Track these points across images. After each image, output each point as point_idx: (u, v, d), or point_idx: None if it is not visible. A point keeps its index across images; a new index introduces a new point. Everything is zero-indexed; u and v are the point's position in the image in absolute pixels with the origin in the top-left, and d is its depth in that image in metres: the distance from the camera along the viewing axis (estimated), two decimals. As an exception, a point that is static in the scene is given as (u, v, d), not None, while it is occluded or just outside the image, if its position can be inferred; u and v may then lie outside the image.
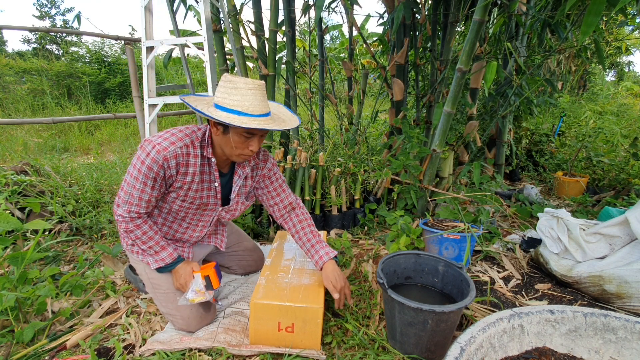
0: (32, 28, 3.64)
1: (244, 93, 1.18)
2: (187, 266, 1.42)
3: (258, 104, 1.21)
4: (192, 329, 1.40)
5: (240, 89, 1.18)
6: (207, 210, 1.45)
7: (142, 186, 1.25)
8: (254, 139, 1.26)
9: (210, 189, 1.39)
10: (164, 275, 1.44)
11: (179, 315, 1.39)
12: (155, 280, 1.44)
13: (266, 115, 1.24)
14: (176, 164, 1.25)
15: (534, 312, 1.07)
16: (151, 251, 1.38)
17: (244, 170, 1.45)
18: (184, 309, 1.38)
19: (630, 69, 11.14)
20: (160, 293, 1.43)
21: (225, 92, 1.20)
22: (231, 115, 1.18)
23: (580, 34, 1.50)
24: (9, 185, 2.29)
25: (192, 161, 1.29)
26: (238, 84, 1.18)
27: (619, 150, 3.36)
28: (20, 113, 6.01)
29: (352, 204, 2.47)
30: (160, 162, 1.21)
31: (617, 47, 7.46)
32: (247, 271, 1.83)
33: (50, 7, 17.10)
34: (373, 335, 1.37)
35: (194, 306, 1.39)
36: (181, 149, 1.25)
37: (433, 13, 2.77)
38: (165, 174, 1.26)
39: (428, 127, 2.94)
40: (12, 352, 1.26)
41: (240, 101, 1.18)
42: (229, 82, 1.19)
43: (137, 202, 1.28)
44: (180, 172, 1.28)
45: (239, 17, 2.96)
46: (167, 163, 1.23)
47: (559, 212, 1.75)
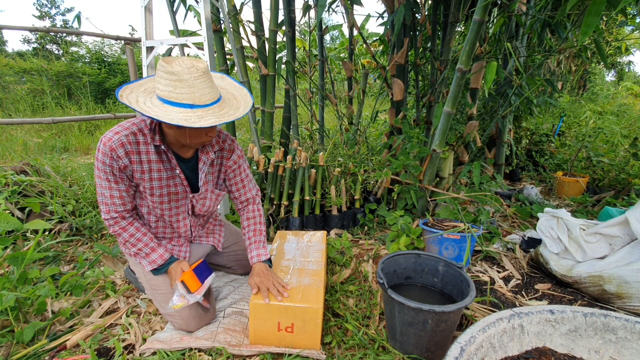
0: (32, 28, 3.64)
1: (191, 84, 1.10)
2: (177, 266, 1.39)
3: (208, 92, 1.13)
4: (192, 329, 1.40)
5: (186, 80, 1.09)
6: (180, 200, 1.41)
7: (106, 183, 1.26)
8: (211, 128, 1.22)
9: (175, 177, 1.36)
10: (161, 277, 1.43)
11: (178, 316, 1.38)
12: (153, 282, 1.44)
13: (218, 100, 1.18)
14: (125, 152, 1.23)
15: (534, 312, 1.07)
16: (142, 253, 1.38)
17: (208, 156, 1.40)
18: (183, 309, 1.37)
19: (630, 69, 11.14)
20: (159, 294, 1.43)
21: (170, 84, 1.09)
22: (183, 110, 1.10)
23: (581, 34, 1.50)
24: (9, 185, 2.29)
25: (143, 149, 1.26)
26: (183, 75, 1.08)
27: (619, 150, 3.35)
28: (20, 113, 6.00)
29: (352, 204, 2.47)
30: (108, 153, 1.20)
31: (617, 47, 7.46)
32: (248, 271, 1.83)
33: (50, 7, 17.11)
34: (373, 335, 1.37)
35: (193, 306, 1.39)
36: (127, 137, 1.22)
37: (433, 13, 2.77)
38: (120, 165, 1.23)
39: (428, 127, 2.94)
40: (12, 352, 1.26)
41: (189, 93, 1.10)
42: (172, 73, 1.08)
43: (111, 201, 1.28)
44: (134, 161, 1.26)
45: (239, 17, 2.96)
46: (114, 153, 1.21)
47: (559, 212, 1.75)
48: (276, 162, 2.38)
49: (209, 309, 1.47)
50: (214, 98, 1.17)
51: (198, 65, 1.12)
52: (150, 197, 1.34)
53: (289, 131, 3.28)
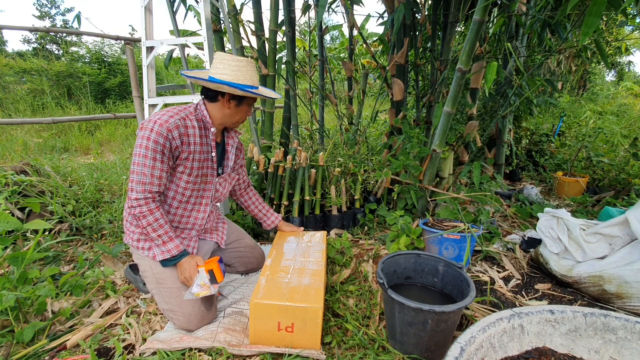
0: (32, 28, 3.64)
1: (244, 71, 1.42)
2: (191, 260, 1.44)
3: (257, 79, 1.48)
4: (193, 327, 1.40)
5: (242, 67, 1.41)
6: (208, 184, 1.55)
7: (151, 162, 1.32)
8: (250, 107, 1.52)
9: (208, 159, 1.50)
10: (169, 270, 1.45)
11: (181, 312, 1.39)
12: (160, 275, 1.44)
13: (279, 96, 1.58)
14: (179, 134, 1.35)
15: (534, 312, 1.07)
16: (159, 240, 1.40)
17: (234, 140, 1.63)
18: (186, 306, 1.39)
19: (630, 69, 11.14)
20: (164, 288, 1.44)
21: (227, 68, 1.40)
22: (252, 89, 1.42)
23: (581, 34, 1.50)
24: (9, 185, 2.29)
25: (191, 132, 1.40)
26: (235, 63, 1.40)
27: (619, 150, 3.36)
28: (20, 113, 6.00)
29: (352, 204, 2.47)
30: (164, 134, 1.30)
31: (617, 47, 7.46)
32: (248, 268, 1.84)
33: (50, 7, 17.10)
34: (373, 335, 1.37)
35: (196, 303, 1.40)
36: (180, 120, 1.36)
37: (433, 13, 2.77)
38: (172, 145, 1.34)
39: (428, 127, 2.94)
40: (12, 352, 1.26)
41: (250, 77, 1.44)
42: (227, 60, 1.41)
43: (150, 180, 1.33)
44: (184, 142, 1.38)
45: (239, 17, 2.96)
46: (170, 134, 1.32)
47: (559, 212, 1.75)
48: (276, 162, 2.38)
49: (212, 309, 1.47)
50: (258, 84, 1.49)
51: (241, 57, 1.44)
52: (187, 177, 1.45)
53: (289, 131, 3.28)
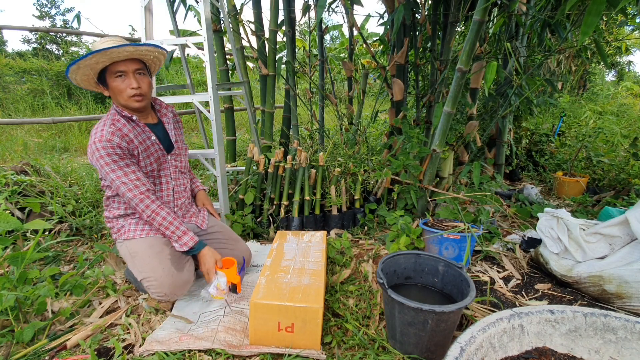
0: (32, 28, 3.65)
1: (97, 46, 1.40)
2: (211, 254, 1.57)
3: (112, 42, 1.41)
4: (167, 291, 1.47)
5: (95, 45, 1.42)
6: (162, 164, 1.64)
7: (121, 172, 1.44)
8: (127, 78, 1.46)
9: (153, 143, 1.58)
10: (139, 242, 1.56)
11: (153, 277, 1.47)
12: (133, 249, 1.55)
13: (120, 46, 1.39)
14: (119, 137, 1.44)
15: (534, 312, 1.07)
16: (175, 236, 1.54)
17: (168, 118, 1.71)
18: (157, 269, 1.48)
19: (630, 69, 11.14)
20: (137, 260, 1.52)
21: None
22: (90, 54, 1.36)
23: (581, 34, 1.50)
24: (9, 185, 2.29)
25: (124, 130, 1.48)
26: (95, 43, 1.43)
27: (619, 150, 3.35)
28: (20, 113, 6.00)
29: (352, 204, 2.47)
30: (107, 145, 1.40)
31: (617, 47, 7.45)
32: None
33: (50, 7, 17.11)
34: (373, 335, 1.37)
35: (166, 265, 1.50)
36: (110, 127, 1.44)
37: (433, 13, 2.77)
38: (123, 148, 1.44)
39: (428, 127, 2.94)
40: (12, 352, 1.26)
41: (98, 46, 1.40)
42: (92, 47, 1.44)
43: (134, 184, 1.46)
44: (128, 142, 1.47)
45: (239, 17, 2.96)
46: (111, 142, 1.41)
47: (559, 212, 1.75)
48: (276, 162, 2.38)
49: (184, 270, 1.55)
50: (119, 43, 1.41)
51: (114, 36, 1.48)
52: (144, 169, 1.55)
53: (289, 131, 3.28)
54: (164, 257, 1.53)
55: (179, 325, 1.43)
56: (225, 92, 3.04)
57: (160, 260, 1.51)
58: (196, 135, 5.38)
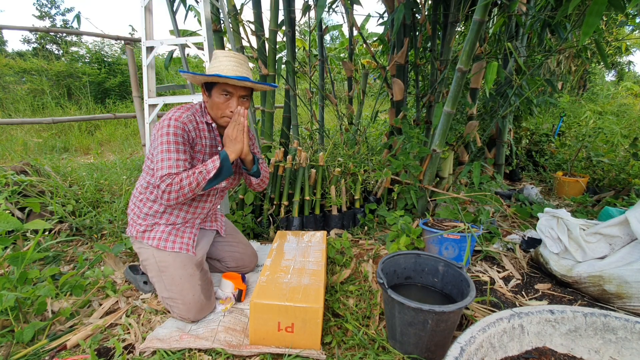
0: (32, 28, 3.64)
1: (221, 60, 1.44)
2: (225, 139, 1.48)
3: (233, 67, 1.43)
4: (192, 317, 1.43)
5: (218, 57, 1.45)
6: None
7: (175, 147, 1.38)
8: (232, 100, 1.46)
9: (218, 152, 1.55)
10: (171, 258, 1.49)
11: (181, 300, 1.42)
12: (162, 263, 1.48)
13: (243, 78, 1.41)
14: (192, 127, 1.45)
15: (534, 312, 1.07)
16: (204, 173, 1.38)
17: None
18: (187, 294, 1.43)
19: (630, 69, 11.14)
20: (166, 276, 1.47)
21: (211, 64, 1.47)
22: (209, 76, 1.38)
23: (581, 34, 1.50)
24: (9, 185, 2.29)
25: (200, 127, 1.50)
26: (219, 55, 1.46)
27: (619, 150, 3.35)
28: (20, 113, 6.00)
29: (352, 204, 2.47)
30: (181, 126, 1.40)
31: (617, 47, 7.45)
32: (239, 265, 1.83)
33: (50, 7, 17.10)
34: (373, 335, 1.37)
35: (197, 292, 1.45)
36: (191, 115, 1.46)
37: (433, 13, 2.77)
38: (189, 137, 1.44)
39: (428, 127, 2.94)
40: (12, 352, 1.26)
41: (217, 66, 1.43)
42: (214, 55, 1.48)
43: (176, 164, 1.37)
44: (197, 135, 1.48)
45: (239, 17, 2.96)
46: (186, 127, 1.42)
47: (559, 212, 1.75)
48: (276, 162, 2.38)
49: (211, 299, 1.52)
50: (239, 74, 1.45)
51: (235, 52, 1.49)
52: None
53: (289, 131, 3.28)
54: (195, 282, 1.47)
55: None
56: (225, 92, 3.03)
57: (192, 285, 1.45)
58: (196, 135, 5.37)
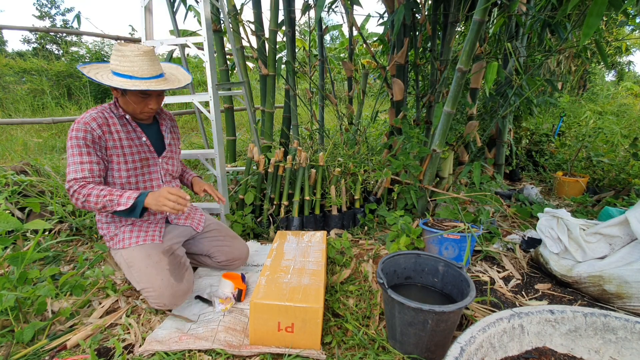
0: (32, 28, 3.64)
1: (132, 60, 1.37)
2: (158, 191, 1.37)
3: (147, 68, 1.39)
4: (167, 302, 1.44)
5: (128, 56, 1.37)
6: (151, 166, 1.61)
7: (78, 154, 1.38)
8: (150, 99, 1.46)
9: (142, 144, 1.56)
10: (136, 252, 1.51)
11: (152, 288, 1.44)
12: (130, 258, 1.52)
13: (158, 77, 1.42)
14: (97, 125, 1.41)
15: (534, 312, 1.07)
16: (113, 203, 1.35)
17: (166, 121, 1.69)
18: (155, 280, 1.44)
19: (630, 69, 11.14)
20: (135, 270, 1.49)
21: (117, 59, 1.38)
22: (123, 79, 1.37)
23: (582, 35, 1.50)
24: (9, 185, 2.29)
25: (111, 122, 1.47)
26: (126, 52, 1.37)
27: (619, 150, 3.35)
28: (20, 113, 6.00)
29: (352, 204, 2.47)
30: (82, 127, 1.38)
31: (617, 47, 7.45)
32: (229, 258, 1.79)
33: (50, 7, 17.11)
34: (373, 335, 1.37)
35: (165, 276, 1.46)
36: (97, 114, 1.43)
37: (433, 13, 2.77)
38: (94, 136, 1.40)
39: (428, 127, 2.94)
40: (12, 352, 1.26)
41: (130, 67, 1.37)
42: (118, 50, 1.38)
43: (81, 168, 1.38)
44: (105, 132, 1.44)
45: (239, 17, 2.96)
46: (88, 126, 1.39)
47: (559, 212, 1.75)
48: (276, 162, 2.38)
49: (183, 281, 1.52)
50: (153, 74, 1.42)
51: (141, 47, 1.39)
52: (125, 165, 1.50)
53: (289, 131, 3.28)
54: (162, 267, 1.48)
55: (179, 324, 1.44)
56: (225, 92, 3.04)
57: (158, 270, 1.46)
58: (196, 135, 5.38)
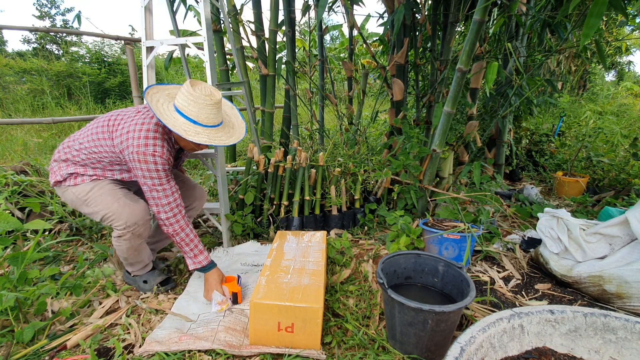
0: (32, 28, 3.64)
1: (202, 107, 1.42)
2: (217, 277, 1.62)
3: (213, 117, 1.46)
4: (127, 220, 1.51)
5: (199, 103, 1.41)
6: None
7: (167, 182, 1.50)
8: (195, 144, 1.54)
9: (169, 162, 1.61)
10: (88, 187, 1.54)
11: (111, 212, 1.51)
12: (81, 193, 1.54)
13: (217, 125, 1.50)
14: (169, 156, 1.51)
15: (534, 312, 1.07)
16: (191, 254, 1.58)
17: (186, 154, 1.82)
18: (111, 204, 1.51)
19: (630, 69, 11.15)
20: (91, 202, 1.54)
21: (185, 100, 1.42)
22: (187, 122, 1.42)
23: (582, 36, 1.49)
24: (9, 185, 2.29)
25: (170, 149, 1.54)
26: (198, 98, 1.41)
27: (619, 150, 3.35)
28: (20, 113, 6.00)
29: (352, 204, 2.47)
30: (165, 162, 1.48)
31: (617, 47, 7.45)
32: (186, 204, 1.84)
33: (50, 7, 17.11)
34: (373, 335, 1.37)
35: (119, 198, 1.53)
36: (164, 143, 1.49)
37: (433, 13, 2.77)
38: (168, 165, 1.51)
39: (428, 127, 2.94)
40: (12, 352, 1.26)
41: (196, 113, 1.42)
42: (190, 94, 1.41)
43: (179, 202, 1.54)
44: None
45: (239, 17, 2.96)
46: (169, 162, 1.50)
47: (559, 212, 1.75)
48: (276, 162, 2.38)
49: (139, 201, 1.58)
50: (215, 122, 1.49)
51: (213, 96, 1.44)
52: None
53: (289, 131, 3.28)
54: (116, 194, 1.55)
55: (178, 324, 1.44)
56: (225, 92, 3.03)
57: (113, 196, 1.53)
58: (196, 135, 5.37)
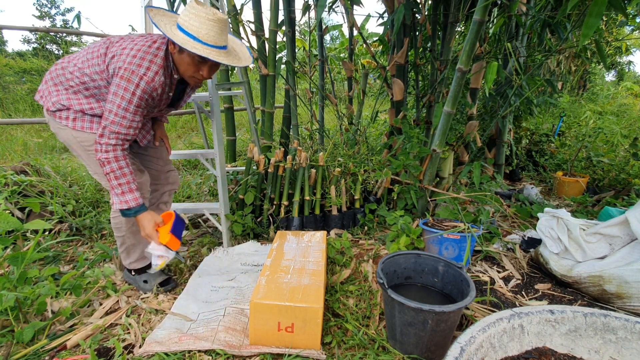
0: (32, 28, 3.65)
1: (202, 21, 1.28)
2: (150, 218, 1.44)
3: (214, 35, 1.31)
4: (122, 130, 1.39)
5: (200, 17, 1.28)
6: (155, 113, 1.58)
7: (132, 114, 1.35)
8: (204, 66, 1.39)
9: (168, 98, 1.52)
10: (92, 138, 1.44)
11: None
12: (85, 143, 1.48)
13: (222, 47, 1.34)
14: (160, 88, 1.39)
15: (534, 312, 1.07)
16: (119, 190, 1.39)
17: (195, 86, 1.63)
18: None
19: (630, 69, 11.15)
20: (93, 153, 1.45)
21: (187, 16, 1.30)
22: (186, 37, 1.29)
23: (582, 36, 1.50)
24: (9, 185, 2.29)
25: (166, 81, 1.42)
26: (200, 12, 1.28)
27: (619, 150, 3.35)
28: (20, 113, 6.00)
29: (352, 204, 2.47)
30: (149, 91, 1.35)
31: (617, 47, 7.45)
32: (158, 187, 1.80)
33: (50, 7, 17.12)
34: (373, 335, 1.37)
35: None
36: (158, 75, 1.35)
37: (433, 13, 2.77)
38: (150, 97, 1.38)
39: (428, 127, 2.94)
40: (12, 352, 1.26)
41: (197, 27, 1.28)
42: (193, 8, 1.29)
43: (126, 131, 1.36)
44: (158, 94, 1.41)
45: (239, 17, 2.96)
46: (155, 92, 1.37)
47: (559, 212, 1.75)
48: (276, 162, 2.38)
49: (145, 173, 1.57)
50: (219, 43, 1.34)
51: (217, 13, 1.30)
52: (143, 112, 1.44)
53: (289, 131, 3.28)
54: None
55: (178, 324, 1.44)
56: (225, 92, 3.04)
57: None
58: (196, 135, 5.38)
